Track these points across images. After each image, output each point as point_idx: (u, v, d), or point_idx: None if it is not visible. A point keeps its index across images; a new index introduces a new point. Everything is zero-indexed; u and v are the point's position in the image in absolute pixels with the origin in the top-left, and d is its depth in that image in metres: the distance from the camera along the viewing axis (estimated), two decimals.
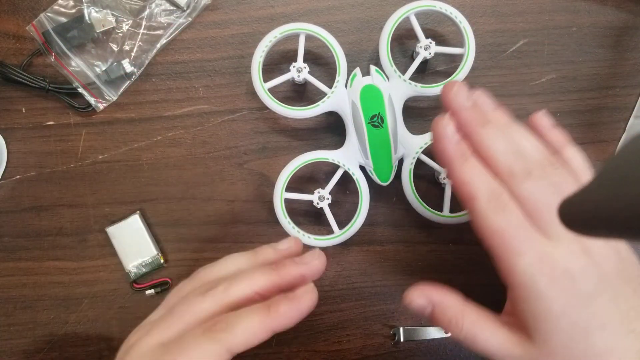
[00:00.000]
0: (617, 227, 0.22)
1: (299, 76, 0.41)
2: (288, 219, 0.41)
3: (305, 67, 0.41)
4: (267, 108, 0.41)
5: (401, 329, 0.44)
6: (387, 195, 0.44)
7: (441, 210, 0.41)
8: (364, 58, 0.44)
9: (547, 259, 0.30)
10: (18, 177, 0.44)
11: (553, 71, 0.44)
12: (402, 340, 0.44)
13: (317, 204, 0.41)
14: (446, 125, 0.33)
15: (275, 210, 0.41)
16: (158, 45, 0.44)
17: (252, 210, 0.44)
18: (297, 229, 0.41)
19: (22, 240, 0.44)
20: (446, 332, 0.33)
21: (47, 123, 0.44)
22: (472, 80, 0.43)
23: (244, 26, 0.44)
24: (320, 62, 0.44)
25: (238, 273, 0.33)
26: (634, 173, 0.20)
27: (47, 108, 0.44)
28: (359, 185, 0.41)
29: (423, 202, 0.41)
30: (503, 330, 0.32)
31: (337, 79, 0.41)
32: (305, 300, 0.31)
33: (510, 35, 0.44)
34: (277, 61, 0.44)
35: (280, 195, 0.41)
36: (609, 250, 0.30)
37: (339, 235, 0.41)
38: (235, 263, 0.35)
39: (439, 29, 0.44)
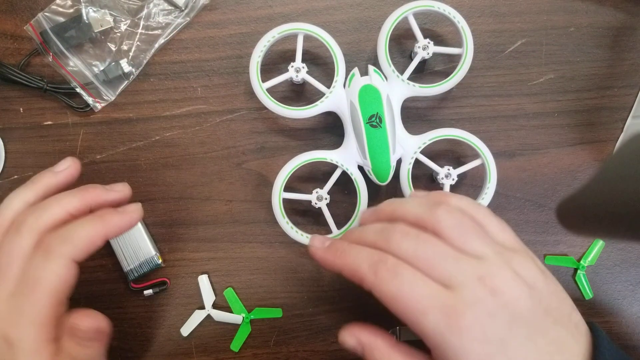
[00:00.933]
0: (617, 226, 0.22)
1: (297, 76, 0.41)
2: (286, 219, 0.41)
3: (303, 67, 0.41)
4: (265, 108, 0.41)
5: (400, 329, 0.44)
6: (385, 195, 0.44)
7: None
8: (362, 58, 0.44)
9: (451, 313, 0.28)
10: (16, 177, 0.44)
11: (551, 71, 0.44)
12: (400, 339, 0.44)
13: (316, 204, 0.41)
14: (312, 242, 0.36)
15: (274, 210, 0.41)
16: (156, 45, 0.44)
17: (250, 210, 0.44)
18: (295, 229, 0.41)
19: None
20: None
21: (45, 123, 0.44)
22: (470, 80, 0.44)
23: (242, 26, 0.44)
24: (319, 62, 0.44)
25: (43, 201, 0.34)
26: (632, 172, 0.21)
27: (45, 108, 0.44)
28: (357, 185, 0.41)
29: None
30: None
31: (335, 79, 0.41)
32: (133, 215, 0.35)
33: (509, 36, 0.44)
34: (276, 61, 0.44)
35: (278, 195, 0.41)
36: (519, 286, 0.29)
37: (337, 235, 0.41)
38: (19, 198, 0.35)
39: (437, 29, 0.44)
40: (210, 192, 0.44)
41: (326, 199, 0.41)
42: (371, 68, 0.40)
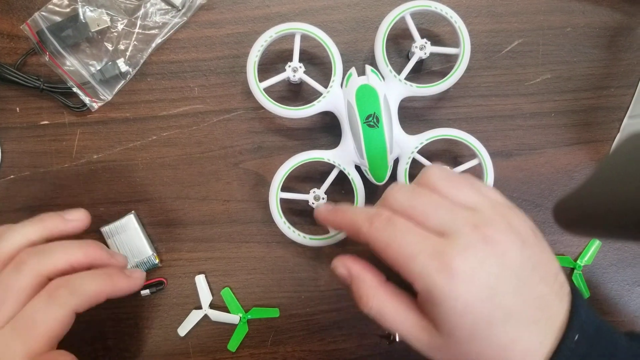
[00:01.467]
0: (613, 225, 0.22)
1: (294, 76, 0.41)
2: (284, 218, 0.41)
3: (300, 67, 0.41)
4: (262, 108, 0.41)
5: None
6: (382, 194, 0.44)
7: None
8: (359, 58, 0.44)
9: (442, 256, 0.28)
10: (12, 176, 0.44)
11: (548, 71, 0.44)
12: (397, 339, 0.44)
13: (313, 203, 0.41)
14: (318, 208, 0.36)
15: (271, 210, 0.41)
16: (153, 45, 0.44)
17: (248, 210, 0.44)
18: (292, 228, 0.41)
19: None
20: (358, 307, 0.34)
21: (42, 122, 0.44)
22: (467, 80, 0.44)
23: (239, 26, 0.44)
24: (316, 61, 0.44)
25: (47, 245, 0.35)
26: (629, 172, 0.21)
27: (41, 107, 0.44)
28: (355, 185, 0.41)
29: None
30: (414, 315, 0.31)
31: (332, 78, 0.41)
32: (137, 281, 0.36)
33: (506, 36, 0.44)
34: (273, 61, 0.44)
35: (275, 195, 0.41)
36: (513, 238, 0.29)
37: (334, 236, 0.41)
38: (22, 234, 0.35)
39: (435, 29, 0.44)
40: (207, 192, 0.44)
41: (323, 198, 0.41)
42: (368, 68, 0.40)
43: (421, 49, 0.41)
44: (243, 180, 0.44)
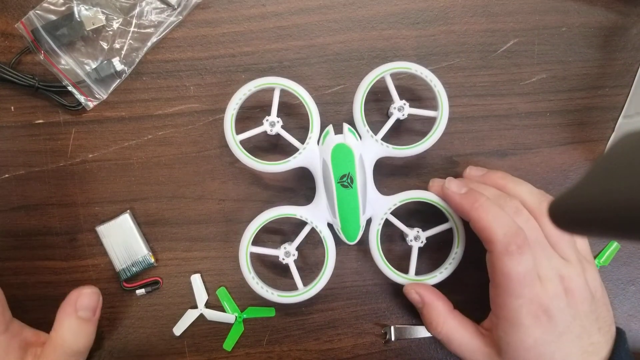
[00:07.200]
0: (607, 224, 0.22)
1: (271, 130, 0.40)
2: (252, 274, 0.40)
3: (278, 122, 0.40)
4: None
5: (392, 328, 0.44)
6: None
7: (407, 272, 0.41)
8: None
9: (536, 301, 0.34)
10: (7, 175, 0.44)
11: (543, 71, 0.44)
12: (392, 339, 0.44)
13: (283, 259, 0.41)
14: (448, 184, 0.39)
15: (241, 265, 0.40)
16: (149, 44, 0.43)
17: (243, 209, 0.44)
18: (260, 284, 0.40)
19: (11, 239, 0.44)
20: (427, 330, 0.40)
21: (37, 121, 0.44)
22: (462, 80, 0.44)
23: (235, 25, 0.44)
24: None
25: None
26: (622, 171, 0.21)
27: (36, 106, 0.44)
28: (326, 243, 0.40)
29: (389, 265, 0.41)
30: (478, 341, 0.37)
31: (309, 135, 0.40)
32: None
33: (501, 35, 0.44)
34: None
35: (245, 250, 0.40)
36: (586, 292, 0.35)
37: (303, 293, 0.40)
38: None
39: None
40: (202, 191, 0.44)
41: (294, 255, 0.41)
42: (346, 127, 0.40)
43: (399, 110, 0.40)
44: (238, 180, 0.44)
